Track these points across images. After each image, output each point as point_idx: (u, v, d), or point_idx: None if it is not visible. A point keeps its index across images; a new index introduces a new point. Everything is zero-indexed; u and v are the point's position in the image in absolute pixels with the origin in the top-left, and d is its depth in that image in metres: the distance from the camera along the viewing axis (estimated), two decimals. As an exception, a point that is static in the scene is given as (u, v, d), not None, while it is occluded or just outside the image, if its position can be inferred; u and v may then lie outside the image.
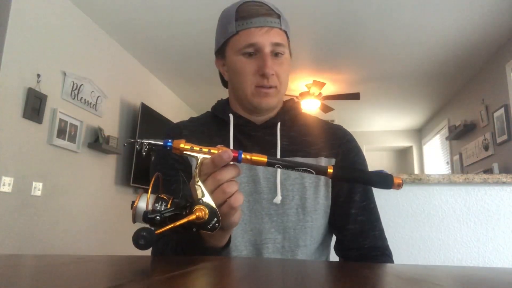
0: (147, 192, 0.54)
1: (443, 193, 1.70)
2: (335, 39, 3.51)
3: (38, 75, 2.61)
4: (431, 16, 3.07)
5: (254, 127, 0.86)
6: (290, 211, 0.80)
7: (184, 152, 0.55)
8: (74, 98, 2.97)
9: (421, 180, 1.68)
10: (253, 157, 0.56)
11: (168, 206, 0.53)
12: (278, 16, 0.82)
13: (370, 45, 3.59)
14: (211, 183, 0.55)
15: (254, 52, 0.80)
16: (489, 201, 1.67)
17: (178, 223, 0.51)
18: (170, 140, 0.55)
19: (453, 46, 3.56)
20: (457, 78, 4.35)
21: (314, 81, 4.17)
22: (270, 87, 0.80)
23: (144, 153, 0.55)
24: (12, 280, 0.34)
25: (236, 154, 0.55)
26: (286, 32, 0.84)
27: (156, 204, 0.53)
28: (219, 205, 0.54)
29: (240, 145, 0.83)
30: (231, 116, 0.86)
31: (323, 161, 0.84)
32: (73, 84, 2.97)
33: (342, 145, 0.87)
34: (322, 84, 4.17)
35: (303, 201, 0.80)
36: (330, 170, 0.56)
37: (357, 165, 0.87)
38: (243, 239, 0.79)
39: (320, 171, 0.56)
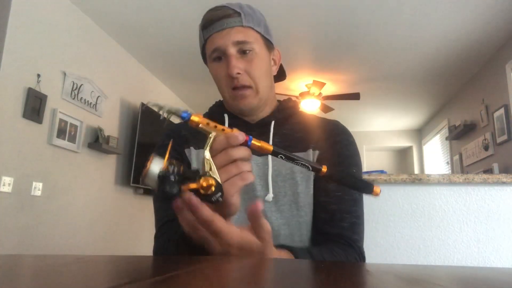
0: (157, 155, 0.55)
1: (443, 193, 1.70)
2: (335, 39, 3.51)
3: (38, 75, 2.61)
4: (431, 16, 3.07)
5: (248, 127, 0.86)
6: (283, 207, 0.80)
7: (200, 125, 0.56)
8: (74, 98, 2.97)
9: (421, 180, 1.68)
10: (261, 144, 0.58)
11: (181, 171, 0.54)
12: (239, 15, 0.81)
13: (370, 45, 3.60)
14: (223, 159, 0.55)
15: (221, 56, 0.81)
16: (489, 201, 1.67)
17: (191, 185, 0.52)
18: (188, 112, 0.56)
19: (453, 46, 3.56)
20: (457, 78, 4.35)
21: (314, 81, 4.17)
22: (244, 86, 0.80)
23: (161, 118, 0.56)
24: (12, 280, 0.34)
25: (247, 139, 0.57)
26: (252, 27, 0.82)
27: (169, 168, 0.54)
28: (228, 179, 0.55)
29: None
30: (226, 116, 0.87)
31: (310, 153, 0.83)
32: (73, 84, 2.97)
33: (331, 137, 0.86)
34: (322, 84, 4.17)
35: (295, 196, 0.80)
36: (324, 170, 0.58)
37: (343, 157, 0.85)
38: None
39: (315, 168, 0.59)
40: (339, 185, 0.81)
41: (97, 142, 3.21)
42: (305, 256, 0.69)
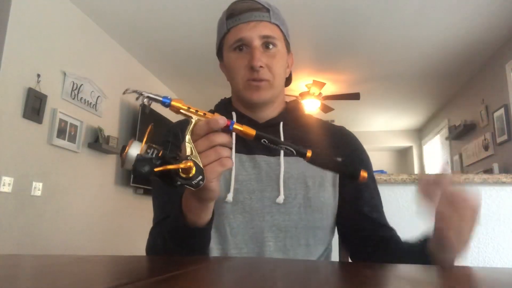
0: (137, 140, 0.55)
1: (443, 193, 1.69)
2: (335, 39, 3.51)
3: (38, 75, 2.61)
4: (431, 16, 3.07)
5: (256, 126, 0.86)
6: (292, 210, 0.79)
7: (181, 110, 0.56)
8: (74, 98, 2.97)
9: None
10: (243, 129, 0.58)
11: (159, 155, 0.54)
12: (268, 10, 0.83)
13: (370, 45, 3.59)
14: (204, 144, 0.56)
15: (244, 47, 0.81)
16: (489, 201, 1.67)
17: (169, 166, 0.52)
18: (169, 97, 0.56)
19: (453, 46, 3.56)
20: (457, 78, 4.35)
21: (314, 81, 4.17)
22: (262, 80, 0.81)
23: (140, 105, 0.57)
24: (12, 280, 0.34)
25: (229, 123, 0.57)
26: (278, 26, 0.84)
27: (148, 151, 0.54)
28: (207, 164, 0.56)
29: (242, 143, 0.83)
30: (233, 114, 0.87)
31: None
32: (73, 84, 2.97)
33: (346, 144, 0.88)
34: (322, 84, 4.17)
35: (305, 200, 0.80)
36: (309, 154, 0.59)
37: (363, 163, 0.88)
38: (244, 237, 0.79)
39: (300, 153, 0.59)
40: (325, 169, 0.82)
41: (97, 142, 3.21)
42: None
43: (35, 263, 0.52)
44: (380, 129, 6.80)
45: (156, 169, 0.51)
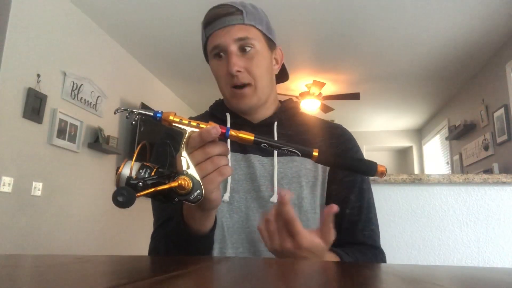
0: (130, 160, 0.54)
1: (443, 193, 1.70)
2: (335, 39, 3.51)
3: (38, 75, 2.61)
4: (431, 16, 3.07)
5: (251, 126, 0.86)
6: None
7: (173, 124, 0.55)
8: (74, 98, 2.97)
9: (421, 180, 1.68)
10: (241, 134, 0.56)
11: (152, 174, 0.53)
12: (241, 12, 0.81)
13: (370, 45, 3.60)
14: (199, 156, 0.55)
15: (221, 53, 0.81)
16: (489, 201, 1.67)
17: (159, 187, 0.51)
18: (160, 111, 0.55)
19: (453, 46, 3.56)
20: (457, 78, 4.35)
21: (314, 81, 4.17)
22: (243, 85, 0.80)
23: (133, 122, 0.55)
24: (12, 280, 0.34)
25: (224, 130, 0.55)
26: (254, 25, 0.82)
27: (141, 171, 0.53)
28: (206, 176, 0.54)
29: (237, 144, 0.83)
30: (228, 115, 0.87)
31: None
32: (73, 84, 2.97)
33: (341, 144, 0.87)
34: (322, 84, 4.17)
35: (299, 200, 0.80)
36: (316, 154, 0.56)
37: None
38: (240, 237, 0.79)
39: (306, 153, 0.57)
40: (334, 167, 0.80)
41: (97, 142, 3.21)
42: (348, 258, 0.71)
43: (35, 263, 0.52)
44: (380, 129, 6.80)
45: (138, 194, 0.49)
